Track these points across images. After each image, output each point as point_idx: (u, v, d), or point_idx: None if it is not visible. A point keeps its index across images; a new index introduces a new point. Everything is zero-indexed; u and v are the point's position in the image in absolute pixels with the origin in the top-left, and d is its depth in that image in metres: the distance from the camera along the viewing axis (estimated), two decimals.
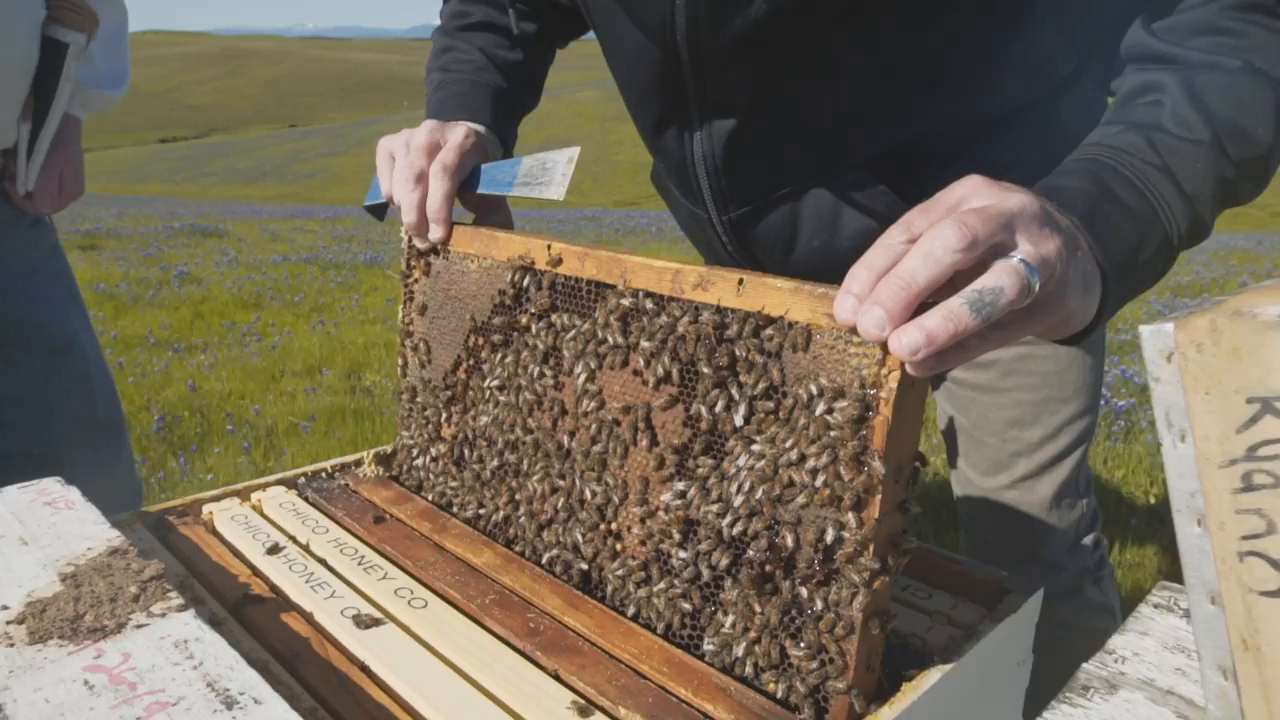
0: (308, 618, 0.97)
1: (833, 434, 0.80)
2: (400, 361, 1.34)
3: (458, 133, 1.27)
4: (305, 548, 1.12)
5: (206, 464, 4.23)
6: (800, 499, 0.82)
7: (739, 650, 0.87)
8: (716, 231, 1.31)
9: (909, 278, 0.71)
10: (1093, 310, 0.83)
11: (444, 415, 1.26)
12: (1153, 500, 3.71)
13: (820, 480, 0.80)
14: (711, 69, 1.13)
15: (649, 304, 0.97)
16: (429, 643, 0.93)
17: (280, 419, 4.79)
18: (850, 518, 0.79)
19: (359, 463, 1.37)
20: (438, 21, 1.60)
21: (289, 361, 5.92)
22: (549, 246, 1.09)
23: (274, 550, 1.09)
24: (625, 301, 0.99)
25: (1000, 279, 0.71)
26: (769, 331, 0.86)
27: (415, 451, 1.31)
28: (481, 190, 1.27)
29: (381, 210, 1.40)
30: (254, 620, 0.95)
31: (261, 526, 1.16)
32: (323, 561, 1.09)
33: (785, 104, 1.14)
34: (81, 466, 1.99)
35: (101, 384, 2.05)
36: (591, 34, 1.41)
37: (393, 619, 0.97)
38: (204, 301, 7.67)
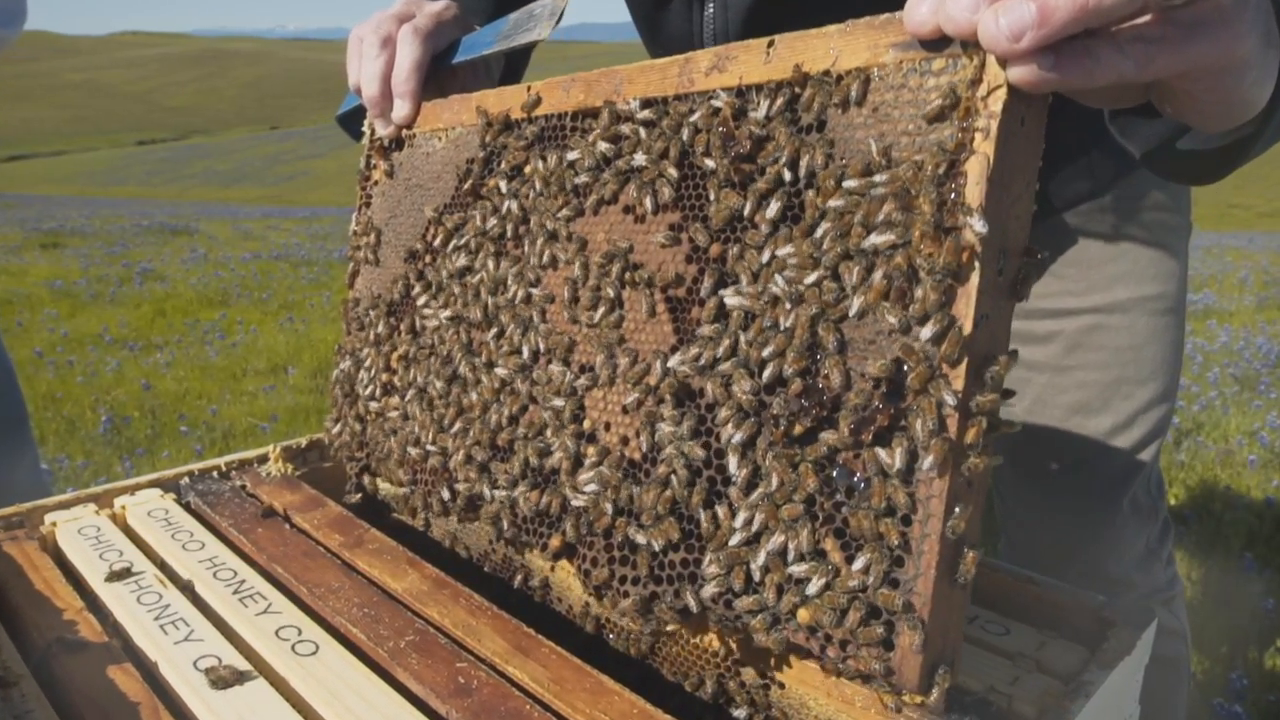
0: (147, 671, 0.70)
1: (899, 214, 0.54)
2: (350, 273, 1.12)
3: (437, 4, 1.04)
4: (167, 570, 0.84)
5: (155, 467, 3.92)
6: (853, 309, 0.56)
7: (756, 562, 0.60)
8: None
9: None
10: (1266, 91, 0.60)
11: (390, 327, 1.02)
12: (1171, 500, 3.48)
13: (879, 275, 0.55)
14: None
15: (646, 113, 0.73)
16: (311, 706, 0.66)
17: (238, 419, 4.48)
18: (927, 317, 0.52)
19: (265, 459, 1.09)
20: None
21: (253, 360, 5.61)
22: (528, 88, 0.86)
23: (121, 575, 0.81)
24: (622, 113, 0.75)
25: None
26: (809, 92, 0.62)
27: (358, 371, 1.06)
28: (459, 58, 1.04)
29: (357, 122, 1.15)
30: (67, 677, 0.68)
31: (116, 542, 0.88)
32: (187, 589, 0.81)
33: None
34: None
35: None
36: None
37: (266, 671, 0.70)
38: (167, 299, 7.33)
